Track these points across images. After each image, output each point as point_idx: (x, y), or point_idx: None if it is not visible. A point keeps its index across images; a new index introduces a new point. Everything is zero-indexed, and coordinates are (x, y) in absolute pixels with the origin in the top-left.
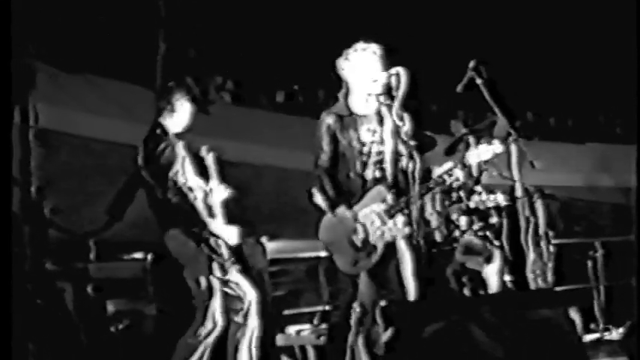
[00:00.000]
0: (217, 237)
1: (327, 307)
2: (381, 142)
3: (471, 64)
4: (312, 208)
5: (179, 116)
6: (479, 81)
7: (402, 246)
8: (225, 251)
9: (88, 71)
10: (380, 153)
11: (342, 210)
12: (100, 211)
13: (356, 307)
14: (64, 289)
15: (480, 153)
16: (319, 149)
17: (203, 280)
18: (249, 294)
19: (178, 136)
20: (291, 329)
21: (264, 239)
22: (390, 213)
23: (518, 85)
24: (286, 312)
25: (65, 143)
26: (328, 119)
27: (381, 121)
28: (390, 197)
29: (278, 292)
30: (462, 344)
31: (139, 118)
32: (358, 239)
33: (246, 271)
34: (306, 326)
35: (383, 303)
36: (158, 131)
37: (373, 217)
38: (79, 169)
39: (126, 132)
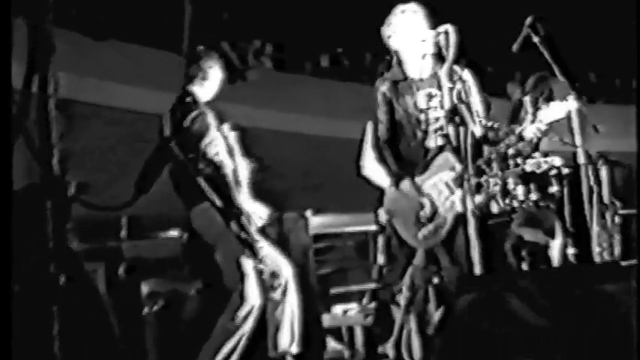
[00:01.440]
0: (247, 214)
1: (376, 285)
2: (441, 106)
3: (528, 20)
4: (359, 180)
5: (210, 84)
6: (536, 39)
7: (470, 217)
8: (254, 230)
9: (112, 37)
10: (439, 119)
11: (406, 182)
12: (127, 185)
13: (406, 286)
14: (95, 270)
15: (553, 111)
16: (378, 119)
17: (234, 260)
18: (286, 269)
19: (209, 104)
20: (338, 309)
21: (308, 213)
22: (460, 181)
23: (580, 44)
24: (333, 291)
25: (89, 113)
26: (383, 87)
27: (439, 84)
28: (458, 164)
29: (324, 269)
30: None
31: (168, 87)
32: (426, 212)
33: (281, 245)
34: (354, 305)
35: (436, 280)
36: (188, 99)
37: (441, 187)
38: (104, 141)
39: (153, 101)
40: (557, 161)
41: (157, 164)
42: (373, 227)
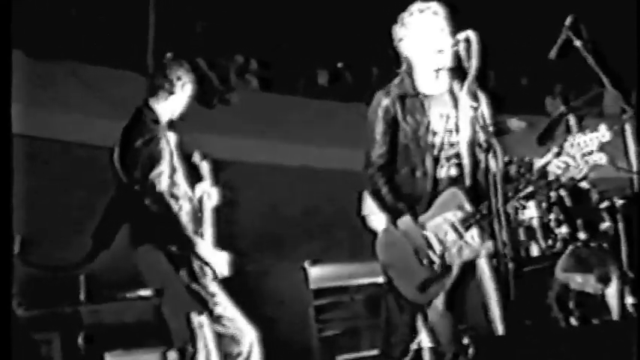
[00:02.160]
0: (202, 262)
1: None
2: (457, 130)
3: (568, 21)
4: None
5: (176, 99)
6: (577, 43)
7: (483, 265)
8: (210, 283)
9: (68, 57)
10: (454, 145)
11: (405, 221)
12: (83, 237)
13: (425, 347)
14: (50, 340)
15: (582, 143)
16: (372, 140)
17: (181, 315)
18: (248, 333)
19: (171, 125)
20: None
21: (305, 264)
22: (469, 223)
23: (632, 47)
24: (342, 358)
25: (37, 149)
26: (385, 100)
27: (455, 103)
28: (467, 203)
29: (328, 331)
30: None
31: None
32: (427, 258)
33: (242, 303)
34: None
35: (466, 340)
36: (145, 114)
37: (447, 229)
38: (56, 182)
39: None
40: (597, 157)
41: (119, 211)
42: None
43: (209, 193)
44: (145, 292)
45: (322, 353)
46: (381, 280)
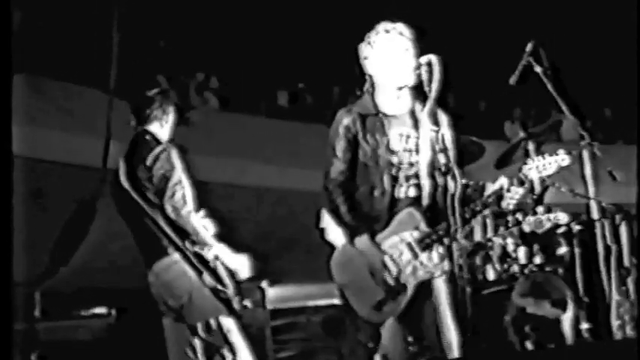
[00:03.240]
0: (223, 265)
1: None
2: (417, 150)
3: (529, 47)
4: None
5: (163, 125)
6: (538, 69)
7: (440, 286)
8: (231, 283)
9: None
10: (414, 165)
11: (362, 239)
12: (40, 255)
13: None
14: None
15: (540, 166)
16: (332, 157)
17: (213, 321)
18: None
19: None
20: None
21: (263, 284)
22: (425, 243)
23: (592, 74)
24: None
25: None
26: (347, 119)
27: (416, 123)
28: (424, 223)
29: (285, 352)
30: None
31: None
32: (383, 277)
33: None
34: None
35: None
36: (147, 137)
37: (402, 249)
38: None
39: (78, 149)
40: (562, 218)
41: (79, 228)
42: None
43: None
44: (100, 310)
45: None
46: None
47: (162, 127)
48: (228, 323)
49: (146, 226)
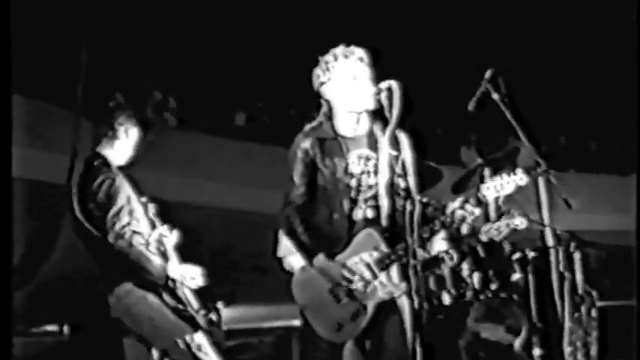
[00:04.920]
0: (178, 282)
1: None
2: (375, 172)
3: (487, 74)
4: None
5: (122, 146)
6: (496, 96)
7: (404, 304)
8: (192, 298)
9: None
10: (372, 187)
11: (320, 260)
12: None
13: None
14: None
15: (498, 186)
16: (291, 181)
17: (180, 342)
18: None
19: (122, 169)
20: None
21: (219, 304)
22: (384, 264)
23: (548, 102)
24: None
25: None
26: (305, 143)
27: (375, 144)
28: (383, 244)
29: None
30: None
31: (55, 146)
32: (342, 298)
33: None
34: None
35: None
36: (96, 163)
37: (362, 269)
38: None
39: (41, 165)
40: (520, 223)
41: (46, 244)
42: (297, 322)
43: (165, 234)
44: (51, 328)
45: None
46: (290, 323)
47: (112, 148)
48: (198, 338)
49: (103, 252)
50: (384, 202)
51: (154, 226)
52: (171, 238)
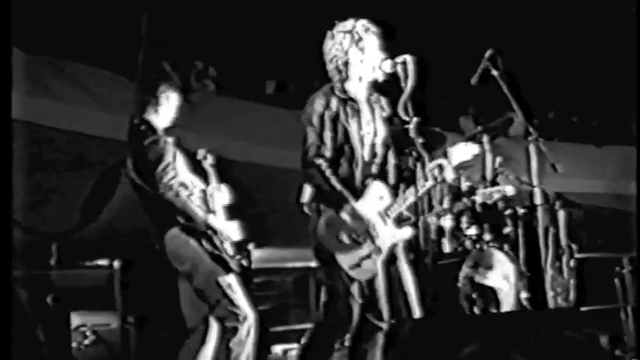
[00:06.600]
0: (217, 232)
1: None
2: (375, 133)
3: (487, 53)
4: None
5: (165, 110)
6: (495, 73)
7: (401, 255)
8: (228, 247)
9: (54, 55)
10: (375, 145)
11: (348, 207)
12: (68, 212)
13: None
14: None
15: (458, 153)
16: (314, 134)
17: (213, 282)
18: (249, 315)
19: (167, 131)
20: (278, 348)
21: (250, 246)
22: (392, 212)
23: (540, 80)
24: (272, 329)
25: (31, 134)
26: (333, 101)
27: (372, 110)
28: (388, 195)
29: (263, 306)
30: None
31: (114, 109)
32: (362, 240)
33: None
34: (294, 345)
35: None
36: (143, 127)
37: (375, 217)
38: (47, 164)
39: (100, 123)
40: (509, 190)
41: (106, 189)
42: (313, 263)
43: (219, 190)
44: (102, 262)
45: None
46: (308, 264)
47: (157, 114)
48: (229, 279)
49: (150, 200)
50: (391, 160)
51: (205, 179)
52: (222, 195)
